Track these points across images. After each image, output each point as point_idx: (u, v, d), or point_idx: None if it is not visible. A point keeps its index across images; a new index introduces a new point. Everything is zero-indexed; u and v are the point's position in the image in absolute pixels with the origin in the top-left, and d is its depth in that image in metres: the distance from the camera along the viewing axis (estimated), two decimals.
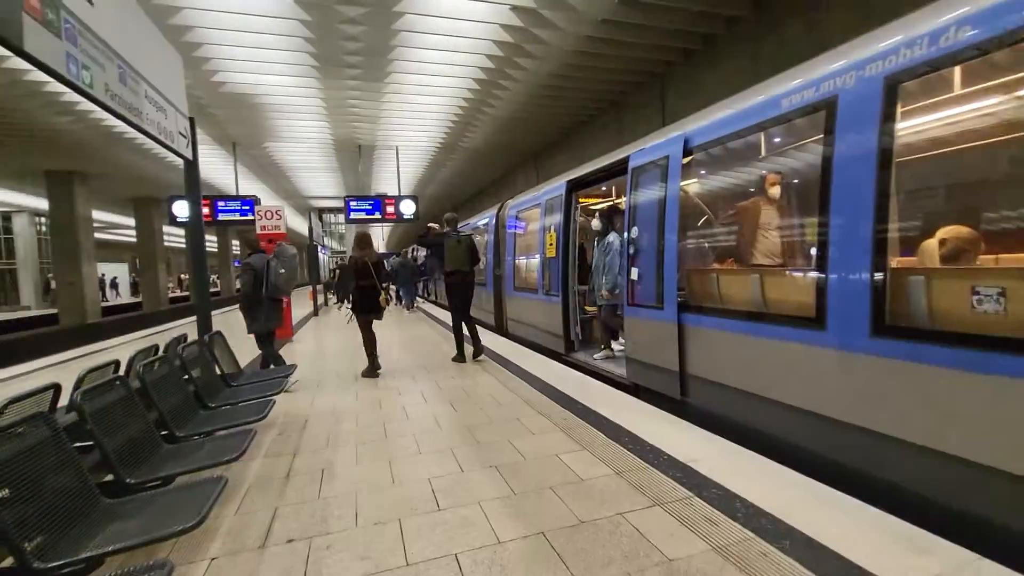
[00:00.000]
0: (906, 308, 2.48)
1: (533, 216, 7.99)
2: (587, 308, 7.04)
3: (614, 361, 5.79)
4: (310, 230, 14.28)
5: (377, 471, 3.14)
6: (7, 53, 7.28)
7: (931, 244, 2.69)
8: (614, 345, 6.06)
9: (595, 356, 6.07)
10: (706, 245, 4.56)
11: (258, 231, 8.94)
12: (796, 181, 3.85)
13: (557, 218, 6.82)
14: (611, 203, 7.94)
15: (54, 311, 17.75)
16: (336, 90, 9.91)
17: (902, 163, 2.66)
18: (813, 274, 2.95)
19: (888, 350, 2.50)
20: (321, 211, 24.26)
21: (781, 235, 3.88)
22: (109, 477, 2.36)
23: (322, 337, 9.66)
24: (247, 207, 10.39)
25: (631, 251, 4.75)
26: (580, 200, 6.89)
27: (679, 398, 4.11)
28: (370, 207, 12.47)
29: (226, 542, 2.38)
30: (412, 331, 9.63)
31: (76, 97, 9.28)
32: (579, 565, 2.05)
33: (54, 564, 1.64)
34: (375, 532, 2.41)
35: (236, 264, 28.84)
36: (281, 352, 5.62)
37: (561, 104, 11.20)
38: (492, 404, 4.49)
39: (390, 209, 12.40)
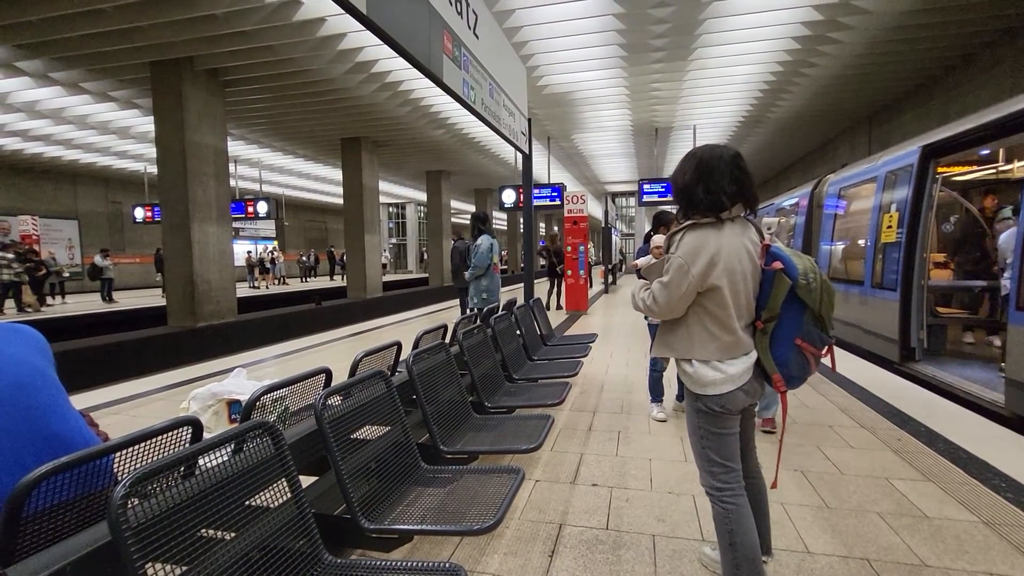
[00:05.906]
0: None
1: (865, 192, 6.59)
2: (939, 310, 5.50)
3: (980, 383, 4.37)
4: (605, 214, 15.24)
5: (669, 445, 3.26)
6: (415, 85, 9.97)
7: None
8: None
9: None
10: None
11: (565, 214, 10.08)
12: None
13: (902, 194, 5.47)
14: None
15: (426, 275, 24.11)
16: (639, 76, 10.15)
17: None
18: None
19: None
20: (614, 195, 25.49)
21: None
22: (472, 399, 3.16)
23: (612, 312, 10.31)
24: (555, 193, 11.76)
25: None
26: (941, 170, 5.32)
27: None
28: (663, 189, 12.46)
29: (546, 471, 2.92)
30: None
31: (448, 112, 12.35)
32: None
33: (448, 450, 2.34)
34: (670, 499, 2.54)
35: (542, 243, 33.42)
36: (576, 324, 6.29)
37: (921, 44, 8.70)
38: (795, 404, 4.04)
39: None
